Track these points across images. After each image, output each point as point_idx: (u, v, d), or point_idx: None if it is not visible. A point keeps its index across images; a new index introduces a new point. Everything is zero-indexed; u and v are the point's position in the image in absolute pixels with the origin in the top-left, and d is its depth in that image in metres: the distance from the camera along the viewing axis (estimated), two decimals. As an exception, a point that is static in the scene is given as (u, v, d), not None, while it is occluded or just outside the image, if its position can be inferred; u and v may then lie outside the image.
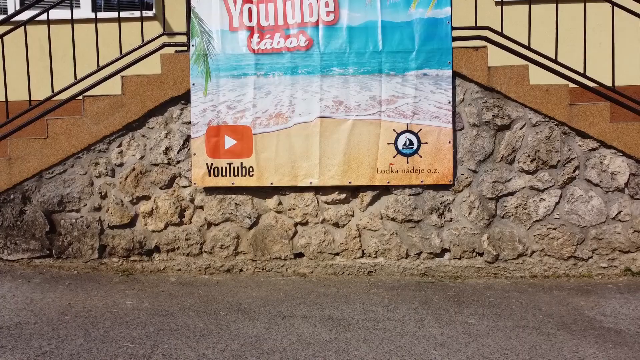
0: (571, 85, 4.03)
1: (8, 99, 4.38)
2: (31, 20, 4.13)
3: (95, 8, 5.53)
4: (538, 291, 3.74)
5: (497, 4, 5.19)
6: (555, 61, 4.07)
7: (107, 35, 4.68)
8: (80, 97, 4.12)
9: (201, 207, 4.10)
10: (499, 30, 4.08)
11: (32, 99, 4.22)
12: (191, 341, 2.81)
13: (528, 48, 4.06)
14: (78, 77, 4.14)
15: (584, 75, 4.06)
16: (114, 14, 4.81)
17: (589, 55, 4.12)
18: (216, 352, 2.68)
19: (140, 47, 4.17)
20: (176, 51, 4.26)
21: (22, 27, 4.10)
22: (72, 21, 4.28)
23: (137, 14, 5.52)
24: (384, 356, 2.66)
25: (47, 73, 4.23)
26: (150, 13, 5.74)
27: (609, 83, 4.08)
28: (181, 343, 2.79)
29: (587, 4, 4.10)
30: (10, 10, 5.93)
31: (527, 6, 4.18)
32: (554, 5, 4.11)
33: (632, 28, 4.27)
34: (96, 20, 4.30)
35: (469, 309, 3.35)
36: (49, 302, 3.40)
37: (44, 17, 4.10)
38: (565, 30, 4.30)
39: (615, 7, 4.05)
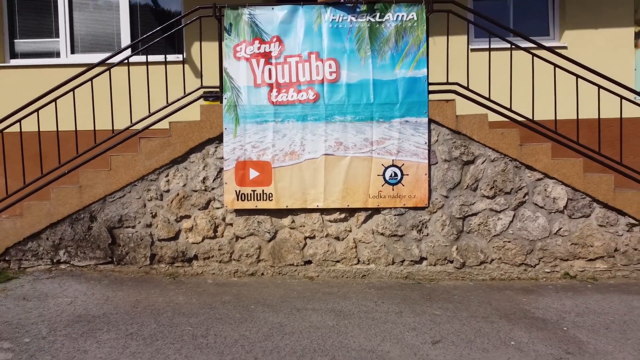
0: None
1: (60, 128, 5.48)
2: (90, 68, 5.26)
3: (141, 52, 6.61)
4: (493, 291, 4.84)
5: (471, 50, 6.28)
6: (509, 109, 5.16)
7: (141, 75, 5.71)
8: (119, 129, 5.24)
9: (231, 224, 5.20)
10: (472, 82, 5.19)
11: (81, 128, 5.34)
12: (233, 326, 3.91)
13: (488, 99, 5.15)
14: (122, 115, 5.26)
15: (532, 120, 5.16)
16: (151, 58, 5.88)
17: (542, 94, 5.22)
18: (252, 333, 3.78)
19: (182, 97, 5.28)
20: (204, 98, 5.38)
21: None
22: (128, 76, 5.38)
23: (170, 57, 6.59)
24: (371, 336, 3.76)
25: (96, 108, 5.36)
26: (180, 57, 6.84)
27: (561, 117, 5.19)
28: (226, 327, 3.88)
29: (534, 58, 5.18)
30: (63, 56, 7.05)
31: (497, 52, 5.29)
32: (520, 51, 5.21)
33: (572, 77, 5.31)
34: (148, 72, 5.40)
35: (437, 304, 4.45)
36: (120, 298, 4.50)
37: (95, 64, 5.22)
38: (521, 71, 5.36)
39: (557, 68, 5.15)
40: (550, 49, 5.30)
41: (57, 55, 7.10)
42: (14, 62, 7.07)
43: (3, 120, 5.25)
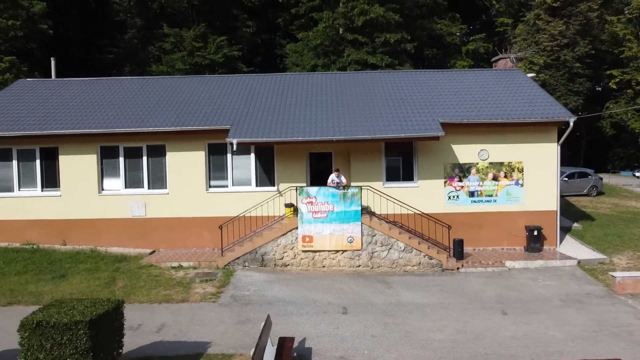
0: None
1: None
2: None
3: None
4: (380, 275, 16.13)
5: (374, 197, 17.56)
6: (385, 217, 16.49)
7: (260, 198, 17.03)
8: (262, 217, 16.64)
9: (300, 255, 16.55)
10: (377, 205, 16.55)
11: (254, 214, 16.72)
12: (305, 282, 15.23)
13: (379, 215, 16.50)
14: (264, 211, 16.67)
15: (393, 219, 16.52)
16: (263, 188, 17.26)
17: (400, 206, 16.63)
18: (310, 283, 15.12)
19: (282, 214, 16.70)
20: (287, 207, 16.78)
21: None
22: (268, 201, 16.82)
23: (270, 188, 17.95)
24: (341, 284, 15.05)
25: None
26: (274, 188, 18.17)
27: (404, 213, 16.58)
28: (304, 282, 15.22)
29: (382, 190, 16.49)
30: (229, 187, 18.51)
31: (391, 190, 16.62)
32: (393, 189, 16.56)
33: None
34: (274, 201, 16.76)
35: (361, 278, 15.75)
36: (271, 276, 15.82)
37: (244, 189, 16.71)
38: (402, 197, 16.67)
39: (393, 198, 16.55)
40: (378, 189, 16.68)
41: (226, 186, 18.49)
42: (211, 190, 18.48)
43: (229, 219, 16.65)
